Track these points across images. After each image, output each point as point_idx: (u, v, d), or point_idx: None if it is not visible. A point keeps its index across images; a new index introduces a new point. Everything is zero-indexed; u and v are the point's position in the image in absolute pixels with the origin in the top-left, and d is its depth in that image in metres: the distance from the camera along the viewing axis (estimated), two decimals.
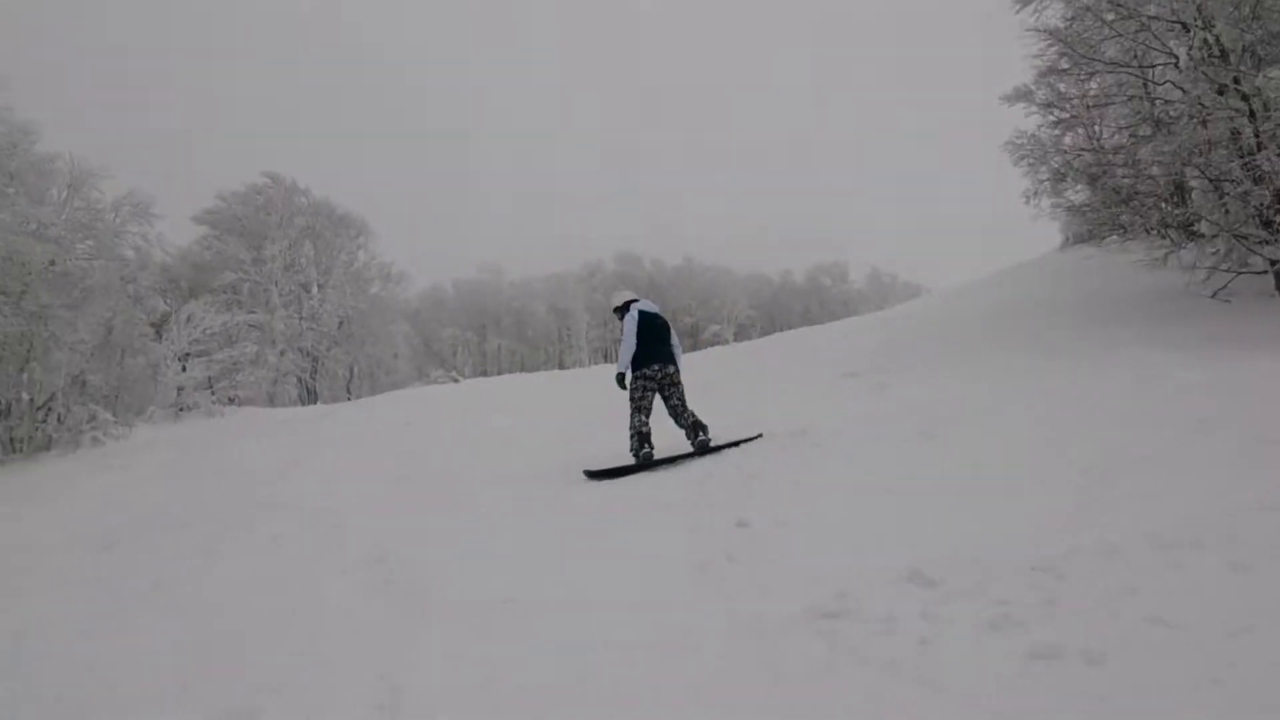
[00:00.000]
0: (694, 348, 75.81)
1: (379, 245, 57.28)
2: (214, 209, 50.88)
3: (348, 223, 54.77)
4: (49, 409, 22.16)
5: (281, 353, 47.19)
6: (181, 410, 26.96)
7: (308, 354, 50.39)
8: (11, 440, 21.55)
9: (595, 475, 8.69)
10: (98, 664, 4.57)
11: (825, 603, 4.27)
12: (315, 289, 52.20)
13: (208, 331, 30.42)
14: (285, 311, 48.91)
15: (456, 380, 35.32)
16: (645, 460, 8.94)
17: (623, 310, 10.01)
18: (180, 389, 28.65)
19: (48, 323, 21.47)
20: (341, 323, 52.78)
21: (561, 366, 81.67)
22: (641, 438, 9.11)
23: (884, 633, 3.93)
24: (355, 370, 53.97)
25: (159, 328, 30.42)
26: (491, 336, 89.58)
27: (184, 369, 29.37)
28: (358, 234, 55.40)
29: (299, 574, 5.92)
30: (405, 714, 3.69)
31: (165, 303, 32.00)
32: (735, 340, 76.15)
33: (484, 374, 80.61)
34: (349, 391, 51.85)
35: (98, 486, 13.27)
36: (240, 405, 31.37)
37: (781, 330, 43.65)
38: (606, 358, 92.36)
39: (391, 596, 5.22)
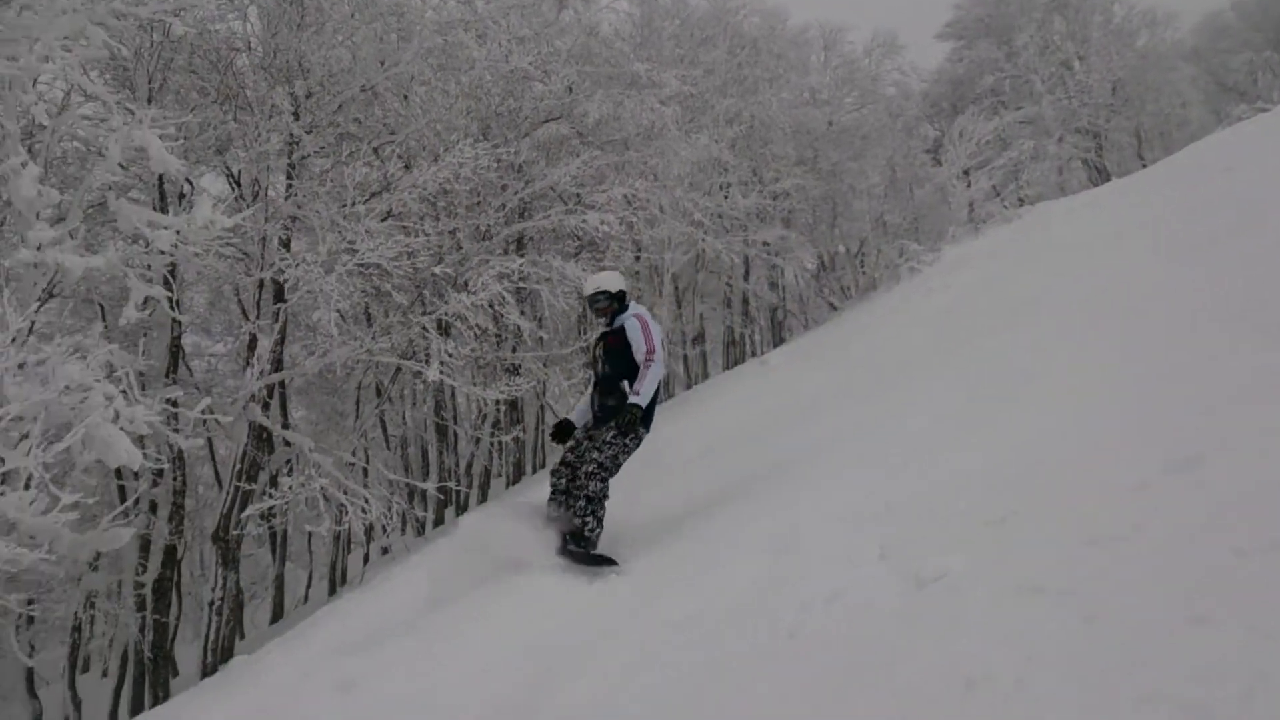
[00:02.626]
0: None
1: None
2: (953, 20, 50.47)
3: None
4: (862, 254, 24.43)
5: (1059, 139, 45.24)
6: (978, 224, 27.50)
7: (1086, 132, 47.54)
8: (842, 289, 24.31)
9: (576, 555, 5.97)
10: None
11: None
12: (1076, 63, 48.74)
13: (981, 142, 30.35)
14: (1051, 96, 46.66)
15: (1265, 109, 29.87)
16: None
17: (617, 302, 6.31)
18: (970, 204, 29.24)
19: (841, 177, 23.55)
20: (1114, 88, 48.58)
21: None
22: (600, 523, 6.04)
23: None
24: (1141, 134, 49.50)
25: (934, 153, 31.30)
26: None
27: (969, 185, 29.86)
28: None
29: (1158, 353, 5.30)
30: None
31: (934, 127, 32.74)
32: None
33: None
34: (1140, 158, 47.75)
35: (929, 309, 14.12)
36: (1032, 204, 30.90)
37: None
38: None
39: None
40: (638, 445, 6.07)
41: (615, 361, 6.11)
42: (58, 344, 8.89)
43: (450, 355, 13.22)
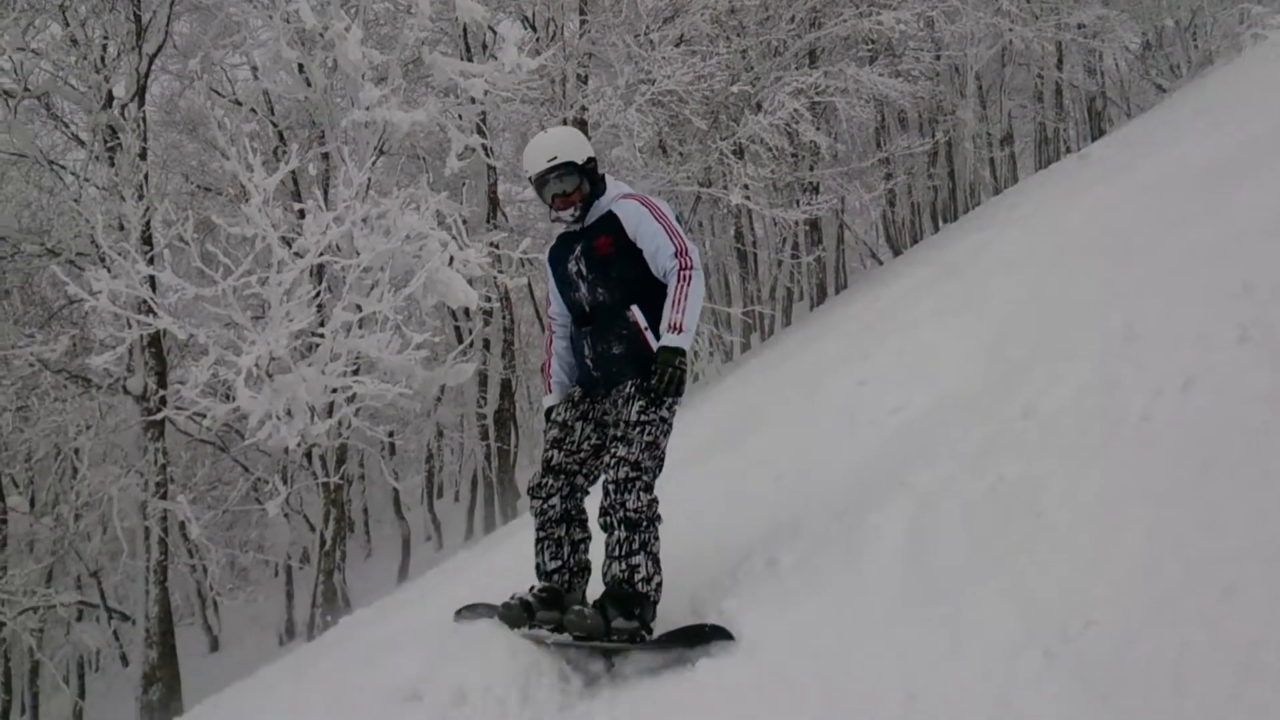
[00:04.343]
0: None
1: None
2: None
3: None
4: (1195, 26, 21.49)
5: None
6: None
7: None
8: (1171, 68, 21.57)
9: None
10: None
11: None
12: None
13: None
14: None
15: None
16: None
17: (588, 180, 3.63)
18: None
19: None
20: None
21: None
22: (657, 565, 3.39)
23: None
24: None
25: None
26: None
27: None
28: None
29: None
30: None
31: None
32: None
33: None
34: None
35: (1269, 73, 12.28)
36: None
37: None
38: None
39: None
40: (671, 414, 3.59)
41: (611, 279, 3.63)
42: (395, 197, 9.53)
43: (750, 178, 13.07)
